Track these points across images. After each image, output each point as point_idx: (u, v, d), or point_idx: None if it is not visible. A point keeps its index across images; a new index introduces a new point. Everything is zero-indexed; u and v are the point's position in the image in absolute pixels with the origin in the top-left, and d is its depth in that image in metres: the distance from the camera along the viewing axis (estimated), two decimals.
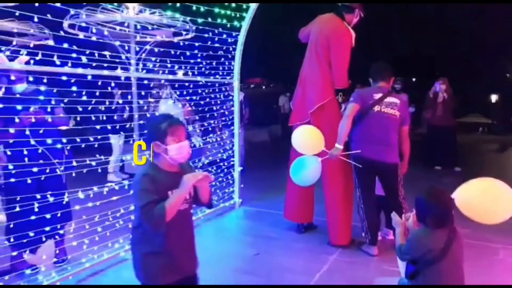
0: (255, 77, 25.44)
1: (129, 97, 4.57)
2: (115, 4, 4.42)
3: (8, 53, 2.97)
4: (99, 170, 3.74)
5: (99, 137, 3.66)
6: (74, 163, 3.46)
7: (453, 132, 8.04)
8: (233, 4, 4.62)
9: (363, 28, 4.33)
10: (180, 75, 4.42)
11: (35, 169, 3.13)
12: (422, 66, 21.11)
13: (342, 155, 3.79)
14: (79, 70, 3.26)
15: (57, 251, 3.56)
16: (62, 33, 3.19)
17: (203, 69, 4.72)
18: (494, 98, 23.22)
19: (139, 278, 2.12)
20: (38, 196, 3.11)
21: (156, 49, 4.09)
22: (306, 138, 3.72)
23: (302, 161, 3.71)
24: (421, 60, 21.41)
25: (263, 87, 28.67)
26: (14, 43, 2.89)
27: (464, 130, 17.16)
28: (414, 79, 23.18)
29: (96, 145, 3.63)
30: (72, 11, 3.77)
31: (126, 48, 4.02)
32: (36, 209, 3.08)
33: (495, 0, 13.29)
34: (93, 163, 3.59)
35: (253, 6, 4.79)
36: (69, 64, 3.18)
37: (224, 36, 4.80)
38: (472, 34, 18.40)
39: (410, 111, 8.85)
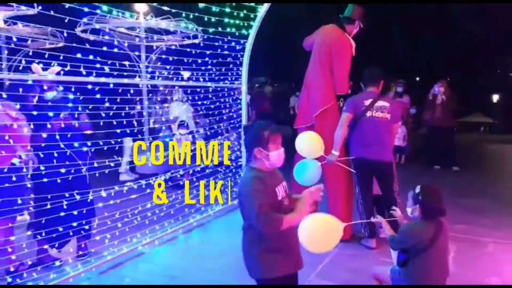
0: (261, 77, 25.66)
1: (146, 102, 4.88)
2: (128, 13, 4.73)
3: (41, 65, 3.28)
4: (119, 171, 4.05)
5: (119, 140, 3.98)
6: (95, 164, 3.78)
7: (452, 132, 8.31)
8: (241, 14, 4.92)
9: (366, 30, 4.60)
10: (185, 76, 4.73)
11: (63, 170, 3.44)
12: (425, 65, 21.29)
13: (339, 160, 4.10)
14: (102, 79, 3.59)
15: (83, 245, 3.88)
16: (87, 45, 3.49)
17: (213, 75, 5.04)
18: (495, 97, 23.36)
19: (254, 275, 2.25)
20: (67, 195, 3.42)
21: (170, 58, 4.40)
22: (307, 144, 4.02)
23: (304, 164, 4.01)
24: (424, 60, 21.57)
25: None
26: (46, 56, 3.20)
27: (466, 130, 17.37)
28: (417, 79, 23.38)
29: (116, 148, 3.94)
30: (97, 24, 4.06)
31: (144, 57, 4.34)
32: (65, 207, 3.39)
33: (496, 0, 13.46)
34: (112, 164, 3.91)
35: (260, 15, 5.08)
36: (94, 74, 3.51)
37: (233, 43, 5.11)
38: (475, 34, 18.56)
39: (412, 113, 9.15)
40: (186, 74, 4.89)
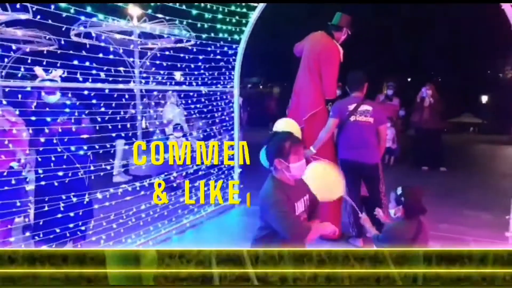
0: (253, 77, 25.81)
1: (140, 107, 5.00)
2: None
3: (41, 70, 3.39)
4: (113, 173, 4.16)
5: (114, 143, 4.10)
6: (92, 167, 3.89)
7: (439, 134, 8.53)
8: (234, 20, 5.06)
9: (359, 31, 4.73)
10: (178, 76, 4.86)
11: (60, 173, 3.55)
12: (417, 66, 21.53)
13: (313, 157, 4.25)
14: (99, 85, 3.70)
15: (79, 245, 3.98)
16: (84, 52, 3.60)
17: (206, 79, 5.17)
18: (485, 98, 23.71)
19: None
20: (64, 197, 3.53)
21: (164, 63, 4.53)
22: (285, 128, 4.18)
23: None
24: (416, 61, 21.80)
25: (261, 86, 29.08)
26: (44, 63, 3.31)
27: (455, 130, 17.67)
28: (409, 79, 23.64)
29: (112, 151, 4.06)
30: (92, 29, 4.18)
31: (138, 62, 4.47)
32: (62, 209, 3.51)
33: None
34: (108, 167, 4.02)
35: (252, 20, 5.23)
36: (90, 80, 3.62)
37: (225, 48, 5.25)
38: (466, 34, 18.82)
39: (401, 115, 9.35)
40: (178, 75, 5.02)
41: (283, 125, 4.20)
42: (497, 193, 6.60)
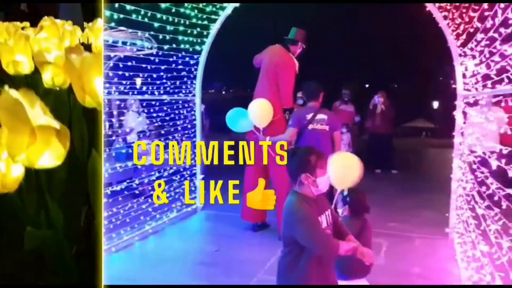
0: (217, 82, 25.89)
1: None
2: None
3: None
4: None
5: None
6: None
7: (391, 138, 9.11)
8: (195, 32, 5.26)
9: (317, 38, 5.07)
10: (138, 83, 4.99)
11: None
12: (374, 72, 22.35)
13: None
14: None
15: None
16: None
17: (168, 88, 5.33)
18: (436, 104, 25.02)
19: None
20: None
21: (127, 74, 4.65)
22: (259, 111, 4.72)
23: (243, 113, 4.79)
24: (373, 67, 22.61)
25: (223, 92, 29.25)
26: None
27: (409, 134, 18.58)
28: (367, 86, 24.51)
29: None
30: None
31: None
32: None
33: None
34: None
35: (213, 32, 5.45)
36: None
37: (187, 59, 5.43)
38: (423, 41, 19.74)
39: (356, 120, 9.83)
40: (139, 82, 5.13)
41: (257, 106, 4.53)
42: (441, 192, 7.13)
